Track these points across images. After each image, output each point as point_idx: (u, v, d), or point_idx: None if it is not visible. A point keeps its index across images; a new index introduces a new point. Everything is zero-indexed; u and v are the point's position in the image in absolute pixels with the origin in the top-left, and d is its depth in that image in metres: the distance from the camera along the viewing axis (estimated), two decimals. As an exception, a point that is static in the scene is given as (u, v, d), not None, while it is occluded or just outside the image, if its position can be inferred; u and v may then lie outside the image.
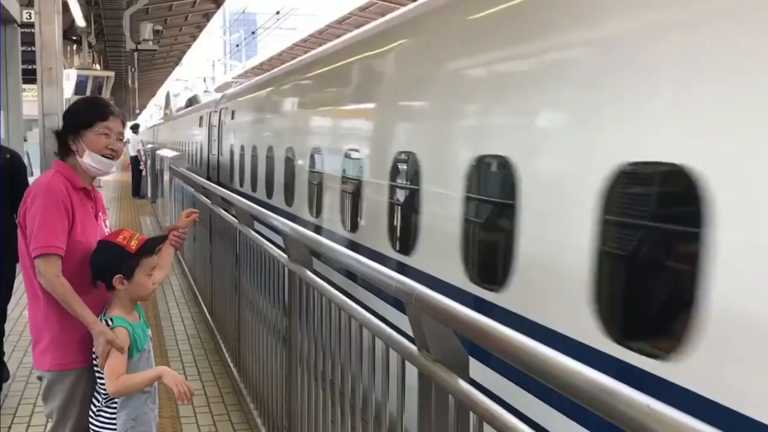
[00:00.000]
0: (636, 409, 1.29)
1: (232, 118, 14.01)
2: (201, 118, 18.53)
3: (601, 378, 1.40)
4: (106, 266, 3.15)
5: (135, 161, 22.18)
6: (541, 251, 3.73)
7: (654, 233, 3.04)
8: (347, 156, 6.79)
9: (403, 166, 5.54)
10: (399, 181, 5.63)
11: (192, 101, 24.90)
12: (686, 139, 2.86)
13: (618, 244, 3.19)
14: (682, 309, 2.75)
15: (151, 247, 3.28)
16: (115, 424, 3.12)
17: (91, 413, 3.18)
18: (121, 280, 3.15)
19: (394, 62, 6.22)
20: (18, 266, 4.01)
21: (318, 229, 7.30)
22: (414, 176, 5.27)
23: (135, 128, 25.44)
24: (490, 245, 4.42)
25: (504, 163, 4.04)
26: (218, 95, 18.13)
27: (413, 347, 2.23)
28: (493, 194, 4.44)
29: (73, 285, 3.07)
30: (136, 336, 3.16)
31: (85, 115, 3.27)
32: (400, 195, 5.66)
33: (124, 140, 3.46)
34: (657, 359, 2.85)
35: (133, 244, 3.19)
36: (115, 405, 3.13)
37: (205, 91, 29.77)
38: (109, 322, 3.10)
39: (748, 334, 2.53)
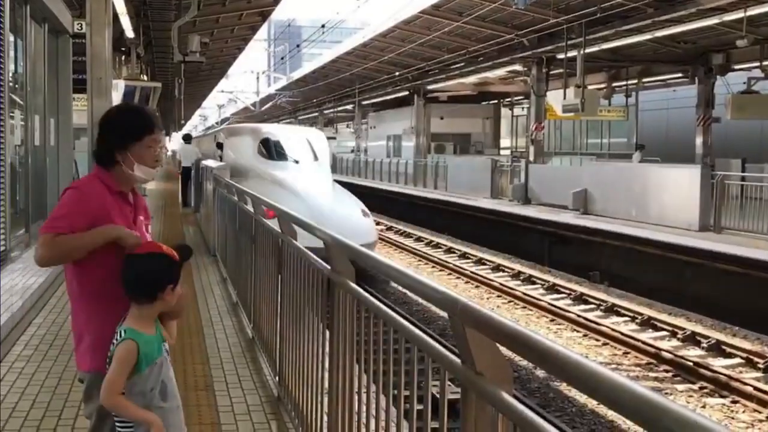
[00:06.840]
0: (684, 425, 1.28)
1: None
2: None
3: (649, 394, 1.39)
4: (159, 276, 3.05)
5: (187, 171, 20.36)
6: None
7: None
8: None
9: None
10: None
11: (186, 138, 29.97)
12: None
13: None
14: None
15: (186, 254, 3.23)
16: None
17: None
18: (173, 290, 3.09)
19: None
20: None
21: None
22: None
23: (187, 139, 24.99)
24: None
25: None
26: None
27: (457, 360, 2.23)
28: None
29: (106, 288, 3.09)
30: (148, 350, 3.05)
31: (133, 129, 3.26)
32: None
33: (163, 147, 3.52)
34: None
35: (173, 253, 3.13)
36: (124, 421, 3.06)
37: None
38: (122, 334, 3.01)
39: None
